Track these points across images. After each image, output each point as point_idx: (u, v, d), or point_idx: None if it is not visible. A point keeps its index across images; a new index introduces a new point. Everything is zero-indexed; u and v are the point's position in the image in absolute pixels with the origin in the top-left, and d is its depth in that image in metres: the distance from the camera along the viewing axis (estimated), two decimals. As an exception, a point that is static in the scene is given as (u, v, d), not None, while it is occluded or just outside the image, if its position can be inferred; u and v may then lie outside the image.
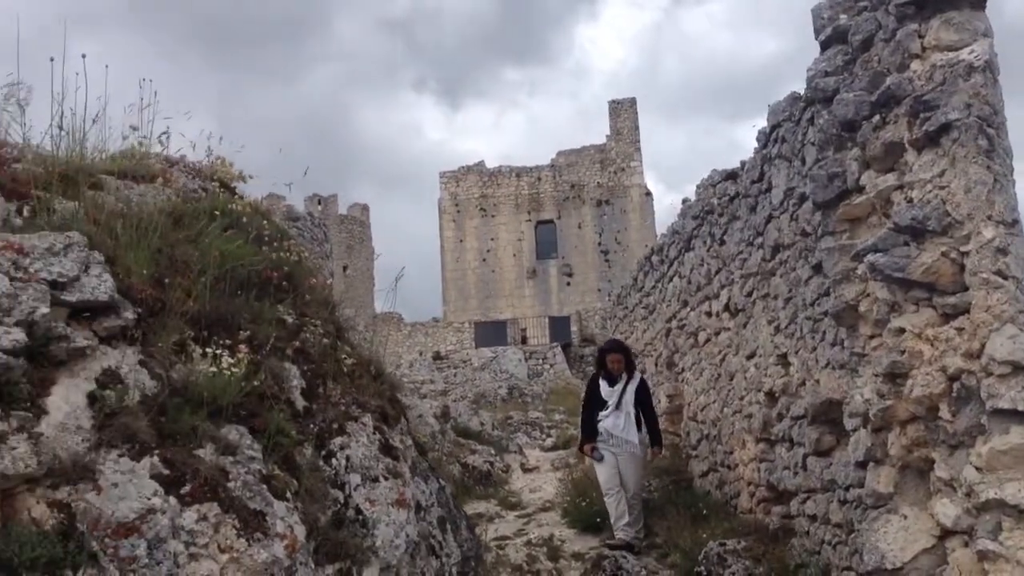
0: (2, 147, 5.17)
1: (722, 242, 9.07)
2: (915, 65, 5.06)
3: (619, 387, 9.83)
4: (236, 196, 5.95)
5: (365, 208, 52.98)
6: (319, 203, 47.50)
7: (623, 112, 46.75)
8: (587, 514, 10.46)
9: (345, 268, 46.00)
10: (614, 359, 9.98)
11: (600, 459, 9.72)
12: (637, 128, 46.57)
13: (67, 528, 3.60)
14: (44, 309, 4.05)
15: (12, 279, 4.06)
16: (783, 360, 7.46)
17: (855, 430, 5.60)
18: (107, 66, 5.43)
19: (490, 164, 48.11)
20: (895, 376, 5.09)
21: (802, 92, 6.33)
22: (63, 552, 3.49)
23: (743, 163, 8.44)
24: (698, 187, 9.98)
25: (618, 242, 45.73)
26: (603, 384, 9.95)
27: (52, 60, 5.06)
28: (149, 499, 3.82)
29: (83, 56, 5.09)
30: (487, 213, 46.82)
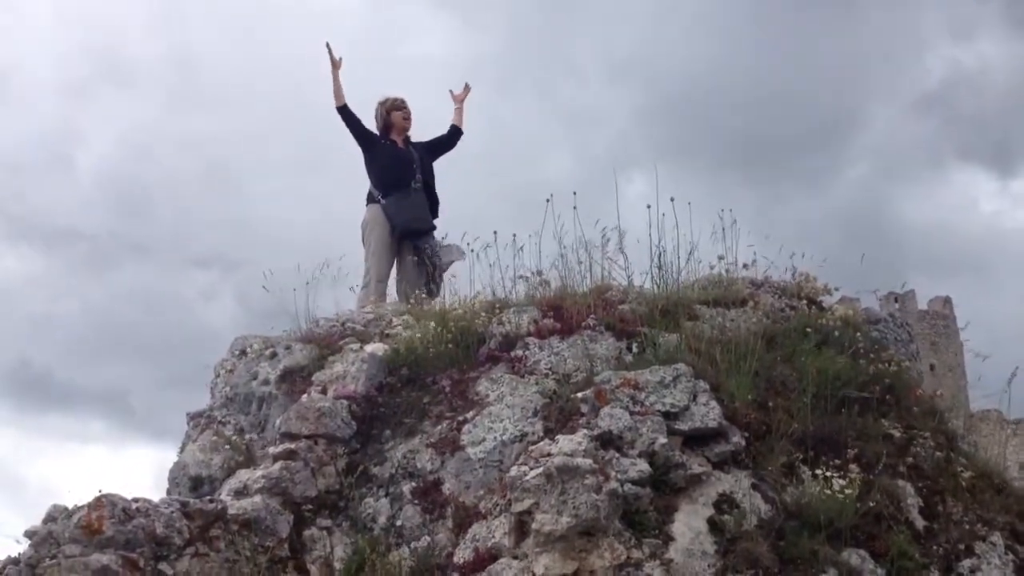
0: (608, 291, 5.74)
1: None
2: None
3: None
4: (824, 310, 5.90)
5: (947, 300, 49.75)
6: (895, 301, 45.51)
7: None
8: None
9: (932, 367, 43.29)
10: None
11: None
12: None
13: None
14: (662, 439, 4.35)
15: (632, 413, 4.44)
16: None
17: None
18: (689, 203, 5.82)
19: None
20: None
21: None
22: None
23: None
24: None
25: None
26: None
27: (648, 207, 5.65)
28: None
29: (671, 200, 5.58)
30: (1095, 289, 41.16)
